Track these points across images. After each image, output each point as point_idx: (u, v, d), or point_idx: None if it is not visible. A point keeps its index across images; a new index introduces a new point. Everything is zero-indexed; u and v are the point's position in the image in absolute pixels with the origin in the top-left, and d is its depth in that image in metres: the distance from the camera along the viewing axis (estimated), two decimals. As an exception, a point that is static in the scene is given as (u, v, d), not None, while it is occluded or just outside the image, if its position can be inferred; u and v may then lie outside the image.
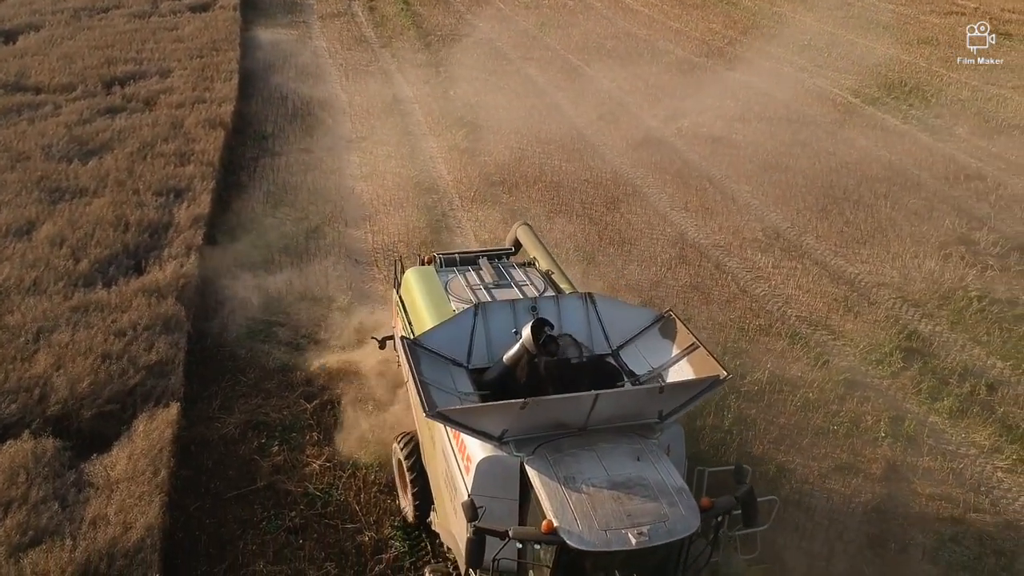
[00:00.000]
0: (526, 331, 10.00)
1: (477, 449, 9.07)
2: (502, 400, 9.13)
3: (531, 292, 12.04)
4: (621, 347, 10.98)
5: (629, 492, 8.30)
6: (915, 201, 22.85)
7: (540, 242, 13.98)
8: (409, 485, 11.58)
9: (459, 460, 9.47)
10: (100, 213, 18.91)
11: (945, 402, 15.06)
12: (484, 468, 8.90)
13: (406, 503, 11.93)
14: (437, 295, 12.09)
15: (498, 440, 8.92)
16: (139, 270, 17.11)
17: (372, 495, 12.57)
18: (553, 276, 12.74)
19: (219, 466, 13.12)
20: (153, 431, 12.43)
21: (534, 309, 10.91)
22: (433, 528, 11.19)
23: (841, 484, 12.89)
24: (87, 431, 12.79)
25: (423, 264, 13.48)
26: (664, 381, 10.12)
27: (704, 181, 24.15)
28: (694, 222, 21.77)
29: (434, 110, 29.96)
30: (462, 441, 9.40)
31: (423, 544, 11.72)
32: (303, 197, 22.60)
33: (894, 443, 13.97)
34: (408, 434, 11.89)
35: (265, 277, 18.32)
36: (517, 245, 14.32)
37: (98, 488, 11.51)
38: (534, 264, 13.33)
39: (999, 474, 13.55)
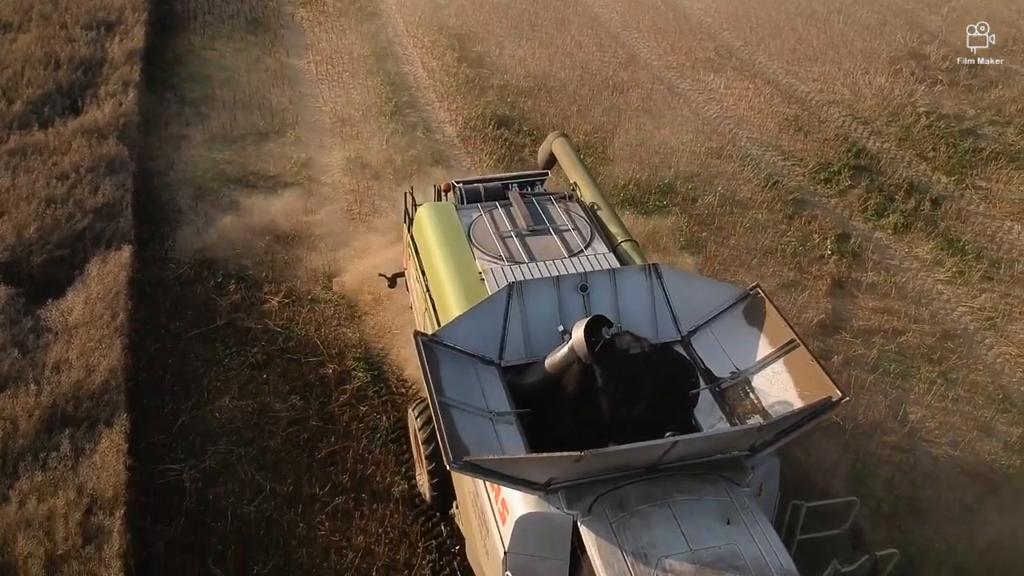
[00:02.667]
0: (577, 332, 7.68)
1: (517, 499, 7.05)
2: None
3: (574, 241, 10.02)
4: (693, 332, 8.81)
5: None
6: (867, 15, 22.56)
7: (580, 161, 11.88)
8: (425, 462, 9.82)
9: (492, 501, 7.51)
10: (28, 50, 17.95)
11: (890, 218, 15.41)
12: (525, 526, 6.88)
13: (422, 479, 10.32)
14: (458, 246, 10.01)
15: (543, 489, 6.93)
16: (76, 110, 16.43)
17: (332, 329, 12.73)
18: (600, 212, 10.67)
19: (177, 306, 13.11)
20: (107, 274, 12.31)
21: (584, 288, 8.74)
22: (456, 522, 9.62)
23: (788, 301, 13.27)
24: (39, 277, 12.57)
25: (440, 195, 11.39)
26: (752, 389, 8.11)
27: (656, -1, 23.56)
28: (646, 42, 21.34)
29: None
30: None
31: (386, 376, 11.97)
32: (241, 26, 21.71)
33: (840, 260, 14.36)
34: (424, 401, 9.86)
35: (208, 112, 17.80)
36: (551, 161, 12.53)
37: (57, 333, 11.46)
38: (575, 195, 11.12)
39: (939, 286, 14.06)
